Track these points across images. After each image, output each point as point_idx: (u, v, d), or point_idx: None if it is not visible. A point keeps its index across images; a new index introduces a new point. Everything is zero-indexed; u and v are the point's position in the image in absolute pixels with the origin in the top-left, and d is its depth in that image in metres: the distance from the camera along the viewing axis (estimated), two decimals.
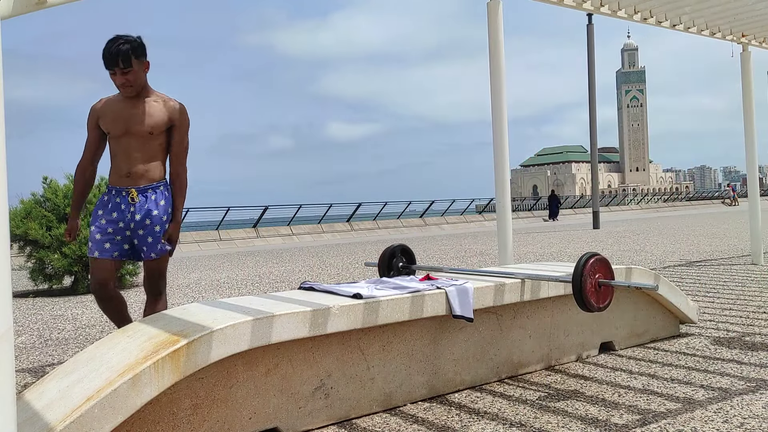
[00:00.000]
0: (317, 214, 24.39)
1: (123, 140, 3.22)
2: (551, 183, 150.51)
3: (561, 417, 2.59)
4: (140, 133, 3.22)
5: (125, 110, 3.22)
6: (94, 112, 3.31)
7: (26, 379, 3.66)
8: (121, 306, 3.37)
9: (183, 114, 3.31)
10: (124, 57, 3.11)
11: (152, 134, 3.24)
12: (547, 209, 32.07)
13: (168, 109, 3.28)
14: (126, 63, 3.12)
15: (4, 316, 1.72)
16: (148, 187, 3.25)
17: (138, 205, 3.23)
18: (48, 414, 2.00)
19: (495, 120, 5.27)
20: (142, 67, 3.20)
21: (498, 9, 5.27)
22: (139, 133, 3.22)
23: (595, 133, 20.79)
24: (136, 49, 3.16)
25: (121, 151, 3.23)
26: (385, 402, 2.77)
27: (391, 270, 3.85)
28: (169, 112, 3.28)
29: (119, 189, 3.24)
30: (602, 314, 3.56)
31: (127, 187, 3.23)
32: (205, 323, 2.32)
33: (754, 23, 7.35)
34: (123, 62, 3.11)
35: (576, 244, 13.11)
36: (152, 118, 3.23)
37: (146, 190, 3.25)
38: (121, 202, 3.23)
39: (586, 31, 20.70)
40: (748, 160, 8.15)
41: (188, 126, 3.34)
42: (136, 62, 3.16)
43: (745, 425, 2.41)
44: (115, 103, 3.26)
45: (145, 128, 3.21)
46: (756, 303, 5.06)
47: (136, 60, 3.16)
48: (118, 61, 3.10)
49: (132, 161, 3.23)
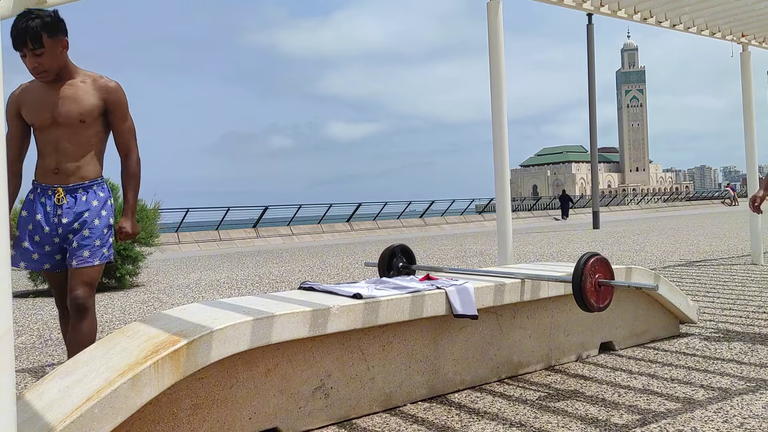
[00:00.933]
0: (317, 214, 24.41)
1: (49, 131, 2.78)
2: (551, 183, 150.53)
3: (561, 417, 2.59)
4: (69, 122, 2.76)
5: (49, 96, 2.77)
6: (12, 101, 2.84)
7: (26, 379, 3.66)
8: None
9: (118, 92, 2.85)
10: (33, 35, 2.61)
11: (84, 122, 2.78)
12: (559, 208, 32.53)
13: (100, 90, 2.82)
14: (36, 42, 2.62)
15: (4, 316, 1.72)
16: (79, 186, 2.82)
17: (65, 207, 2.80)
18: (48, 414, 2.00)
19: (495, 120, 5.27)
20: (59, 46, 2.72)
21: (498, 9, 5.27)
22: (67, 122, 2.76)
23: (595, 133, 20.79)
24: (48, 26, 2.65)
25: (48, 144, 2.79)
26: (385, 402, 2.77)
27: (391, 270, 3.85)
28: (101, 93, 2.82)
29: (45, 187, 2.81)
30: (602, 314, 3.56)
31: (54, 185, 2.79)
32: (205, 323, 2.32)
33: (754, 23, 7.35)
34: (32, 41, 2.61)
35: (576, 244, 13.11)
36: (82, 102, 2.77)
37: (76, 190, 2.82)
38: (46, 202, 2.81)
39: (586, 31, 20.72)
40: (748, 160, 8.15)
41: (127, 104, 2.89)
42: (50, 41, 2.66)
43: (745, 425, 2.41)
44: (37, 89, 2.81)
45: (75, 116, 2.76)
46: (756, 303, 5.06)
47: (50, 38, 2.66)
48: (26, 41, 2.61)
49: (60, 155, 2.78)
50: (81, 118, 2.78)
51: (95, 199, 2.86)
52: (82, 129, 2.80)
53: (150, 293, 7.72)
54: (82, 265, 2.80)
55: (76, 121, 2.77)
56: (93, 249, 2.83)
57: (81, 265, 2.80)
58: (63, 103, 2.76)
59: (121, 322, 5.60)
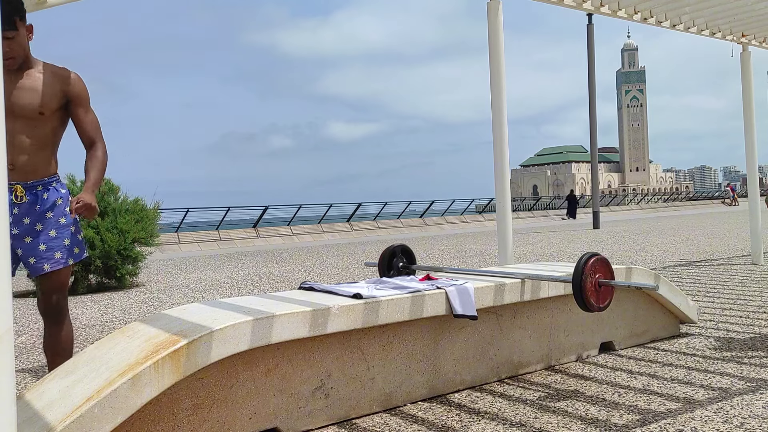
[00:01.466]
0: (317, 214, 24.41)
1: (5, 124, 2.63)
2: (551, 183, 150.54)
3: (561, 417, 2.59)
4: (28, 113, 2.57)
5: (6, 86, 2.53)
6: None
7: (26, 379, 3.66)
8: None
9: (79, 83, 2.69)
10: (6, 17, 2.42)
11: (43, 114, 2.60)
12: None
13: (60, 82, 2.65)
14: (10, 25, 2.45)
15: (4, 316, 1.72)
16: (38, 183, 2.64)
17: (25, 206, 2.60)
18: (48, 414, 2.00)
19: (495, 120, 5.27)
20: (27, 31, 2.57)
21: (498, 9, 5.27)
22: (26, 114, 2.57)
23: (595, 133, 20.79)
24: (19, 8, 2.49)
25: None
26: (385, 402, 2.77)
27: (391, 270, 3.85)
28: (61, 84, 2.65)
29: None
30: (602, 314, 3.56)
31: (11, 182, 2.56)
32: (205, 323, 2.32)
33: (754, 23, 7.35)
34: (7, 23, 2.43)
35: (576, 244, 13.11)
36: (42, 94, 2.59)
37: (35, 187, 2.64)
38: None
39: (586, 31, 20.71)
40: (748, 160, 8.15)
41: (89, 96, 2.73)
42: (20, 24, 2.51)
43: (745, 425, 2.41)
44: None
45: (33, 107, 2.57)
46: (756, 303, 5.06)
47: (21, 21, 2.51)
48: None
49: (17, 150, 2.56)
50: (40, 110, 2.60)
51: (58, 197, 2.70)
52: (40, 122, 2.61)
53: (150, 293, 7.72)
54: (56, 267, 2.64)
55: (36, 113, 2.59)
56: (63, 250, 2.67)
57: (55, 267, 2.64)
58: (21, 94, 2.56)
59: (121, 322, 5.59)
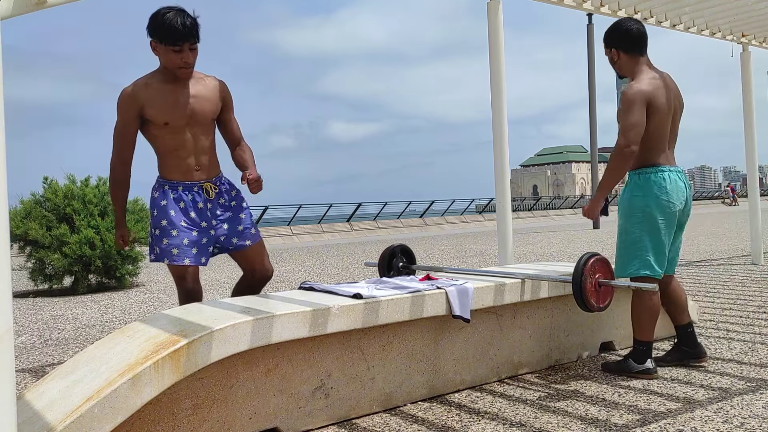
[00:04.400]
0: (317, 214, 24.44)
1: (186, 130, 2.85)
2: (551, 183, 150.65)
3: (561, 417, 2.59)
4: (205, 120, 2.89)
5: (182, 95, 2.82)
6: (133, 100, 2.79)
7: (26, 379, 3.66)
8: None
9: (228, 89, 3.04)
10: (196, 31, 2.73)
11: (213, 120, 2.95)
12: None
13: (219, 89, 2.97)
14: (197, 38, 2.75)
15: (4, 316, 1.72)
16: (217, 179, 3.01)
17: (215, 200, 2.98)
18: (48, 414, 2.00)
19: (495, 120, 5.27)
20: None
21: (498, 8, 5.27)
22: (204, 120, 2.88)
23: (595, 133, 20.78)
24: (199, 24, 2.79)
25: (187, 142, 2.86)
26: (385, 402, 2.77)
27: (391, 270, 3.85)
28: (220, 92, 2.97)
29: (189, 185, 2.91)
30: (602, 314, 3.56)
31: (200, 181, 2.93)
32: (205, 323, 2.32)
33: (754, 23, 7.35)
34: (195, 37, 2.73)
35: (576, 244, 13.11)
36: (211, 101, 2.91)
37: (217, 181, 3.02)
38: (196, 199, 2.93)
39: (586, 31, 20.71)
40: (748, 160, 8.15)
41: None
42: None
43: (745, 425, 2.41)
44: (160, 87, 2.81)
45: (209, 114, 2.90)
46: (756, 303, 5.06)
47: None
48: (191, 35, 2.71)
49: (200, 152, 2.91)
50: (213, 116, 2.94)
51: (233, 189, 3.10)
52: (211, 126, 2.97)
53: (150, 293, 7.73)
54: (258, 239, 3.11)
55: (210, 119, 2.93)
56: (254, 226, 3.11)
57: (257, 239, 3.11)
58: (199, 102, 2.87)
59: (121, 322, 5.60)
